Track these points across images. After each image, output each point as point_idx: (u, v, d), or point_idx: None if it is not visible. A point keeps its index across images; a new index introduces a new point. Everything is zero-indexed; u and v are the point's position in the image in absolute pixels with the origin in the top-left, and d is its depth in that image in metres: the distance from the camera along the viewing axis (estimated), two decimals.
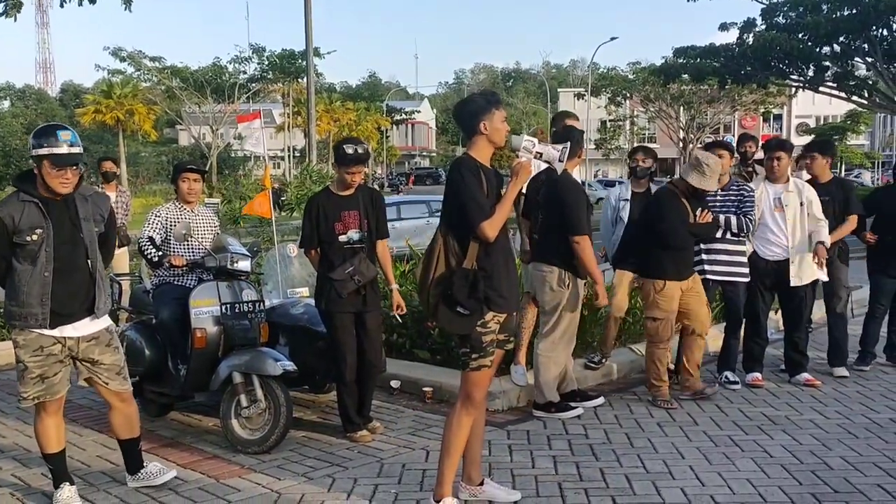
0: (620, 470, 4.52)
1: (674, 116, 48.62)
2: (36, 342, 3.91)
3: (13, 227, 3.81)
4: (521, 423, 5.40)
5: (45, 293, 3.86)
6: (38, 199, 3.88)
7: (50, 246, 3.86)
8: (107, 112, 45.88)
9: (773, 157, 6.22)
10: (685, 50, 29.38)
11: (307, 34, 14.32)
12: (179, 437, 5.19)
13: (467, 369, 3.80)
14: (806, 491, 4.17)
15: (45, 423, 4.06)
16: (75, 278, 3.95)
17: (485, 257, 3.74)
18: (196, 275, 5.31)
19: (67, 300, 3.92)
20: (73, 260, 3.94)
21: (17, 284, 3.87)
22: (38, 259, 3.85)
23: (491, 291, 3.73)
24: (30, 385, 3.94)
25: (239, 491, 4.26)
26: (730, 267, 6.14)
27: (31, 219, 3.84)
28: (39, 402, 3.99)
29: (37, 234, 3.83)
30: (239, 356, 4.90)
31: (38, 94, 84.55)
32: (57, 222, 3.90)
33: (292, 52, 40.90)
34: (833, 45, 25.93)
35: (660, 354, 5.85)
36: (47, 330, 3.90)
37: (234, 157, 51.85)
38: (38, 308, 3.86)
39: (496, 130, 3.79)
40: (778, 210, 6.18)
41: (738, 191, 6.18)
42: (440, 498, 3.84)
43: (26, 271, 3.85)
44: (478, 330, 3.74)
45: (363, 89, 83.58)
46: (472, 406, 3.83)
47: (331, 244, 5.05)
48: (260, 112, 7.99)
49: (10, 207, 3.85)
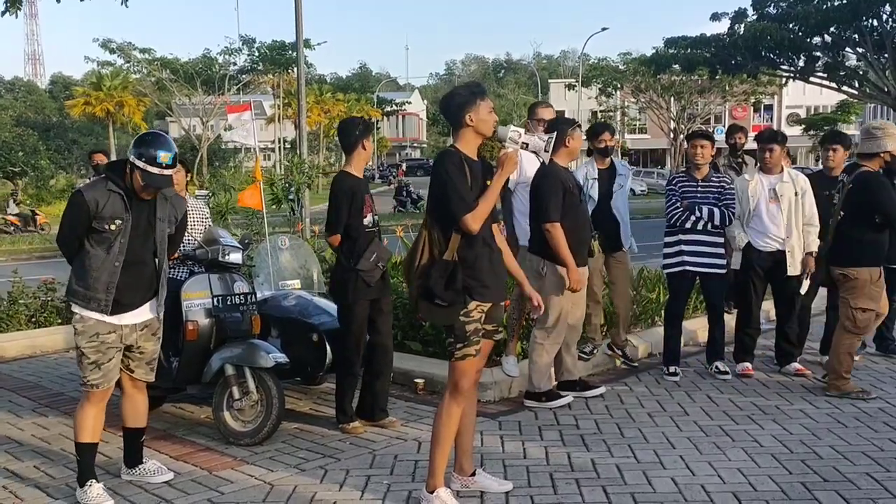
0: (611, 460, 4.54)
1: (664, 107, 48.61)
2: (93, 329, 4.01)
3: (95, 211, 3.94)
4: (512, 413, 5.42)
5: (111, 282, 3.98)
6: (123, 192, 3.99)
7: (125, 237, 3.98)
8: (96, 104, 45.68)
9: (766, 149, 6.26)
10: (676, 40, 29.39)
11: (297, 25, 14.25)
12: (172, 430, 5.19)
13: (453, 359, 3.83)
14: (796, 480, 4.21)
15: (87, 411, 4.12)
16: (142, 272, 4.08)
17: (467, 248, 3.76)
18: (187, 267, 5.30)
19: (131, 292, 4.05)
20: (142, 255, 4.08)
21: (87, 268, 3.98)
22: (112, 248, 3.97)
23: (473, 281, 3.76)
24: (87, 370, 4.04)
25: (232, 483, 4.27)
26: (709, 259, 6.17)
27: (113, 208, 3.97)
28: (99, 389, 4.06)
29: (115, 225, 3.96)
30: (231, 348, 4.90)
31: (27, 86, 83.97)
32: (136, 217, 4.03)
33: (282, 43, 40.64)
34: (824, 35, 25.95)
35: (853, 346, 5.83)
36: (107, 317, 4.00)
37: (224, 150, 51.62)
38: (103, 294, 3.98)
39: (483, 122, 3.80)
40: (773, 201, 6.21)
41: (719, 182, 6.22)
42: (433, 489, 3.86)
43: (98, 257, 3.97)
44: (461, 320, 3.77)
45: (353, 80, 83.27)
46: (460, 396, 3.85)
47: (357, 228, 5.00)
48: (251, 103, 7.95)
49: (97, 192, 3.97)
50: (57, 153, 46.33)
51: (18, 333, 7.73)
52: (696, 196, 6.16)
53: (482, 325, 3.83)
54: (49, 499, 4.12)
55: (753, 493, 4.06)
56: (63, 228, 4.08)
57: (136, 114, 46.52)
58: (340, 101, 57.36)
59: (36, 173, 37.73)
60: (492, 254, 3.87)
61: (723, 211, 6.09)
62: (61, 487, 4.26)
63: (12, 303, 8.02)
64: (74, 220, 4.00)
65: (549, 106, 6.33)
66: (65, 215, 4.08)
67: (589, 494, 4.07)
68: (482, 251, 3.81)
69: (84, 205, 3.94)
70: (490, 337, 3.95)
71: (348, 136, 5.08)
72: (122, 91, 45.94)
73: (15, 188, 33.03)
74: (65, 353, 7.49)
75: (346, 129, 5.14)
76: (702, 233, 6.12)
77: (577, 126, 5.58)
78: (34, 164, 38.04)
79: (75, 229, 4.01)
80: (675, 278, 6.31)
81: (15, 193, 30.79)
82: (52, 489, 4.24)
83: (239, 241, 5.48)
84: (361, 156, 5.12)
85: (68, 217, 4.05)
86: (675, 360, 6.33)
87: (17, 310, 7.95)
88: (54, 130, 52.49)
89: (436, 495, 3.85)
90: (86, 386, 4.08)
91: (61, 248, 4.15)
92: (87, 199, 3.94)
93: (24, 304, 8.04)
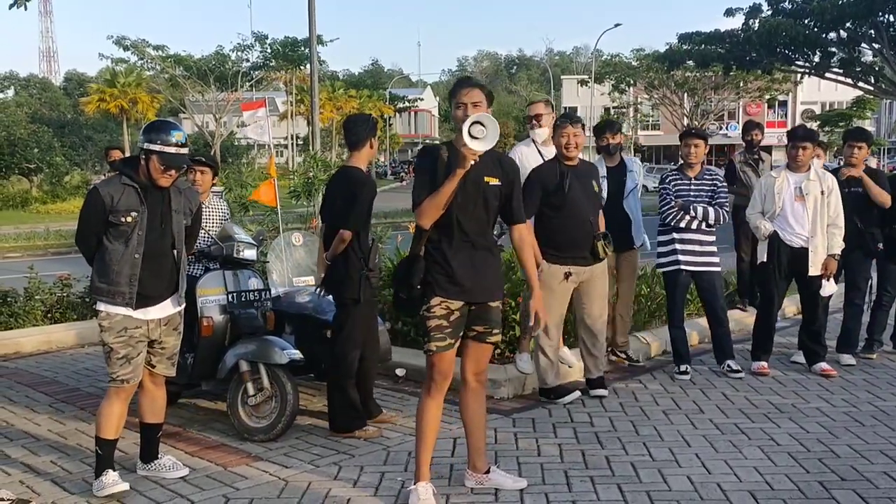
0: (626, 458, 4.52)
1: (678, 103, 48.43)
2: (120, 324, 4.05)
3: (111, 205, 3.99)
4: (526, 410, 5.41)
5: (133, 274, 4.03)
6: (137, 185, 4.05)
7: (143, 229, 4.04)
8: (110, 101, 45.90)
9: (800, 147, 6.17)
10: (690, 36, 29.19)
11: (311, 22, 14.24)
12: (187, 426, 5.21)
13: (426, 352, 3.86)
14: (813, 479, 4.18)
15: (115, 408, 4.15)
16: (161, 264, 4.14)
17: (445, 242, 3.78)
18: (202, 264, 5.32)
19: (153, 284, 4.10)
20: (161, 247, 4.13)
21: (108, 263, 4.03)
22: (130, 241, 4.02)
23: (440, 277, 3.76)
24: (117, 366, 4.07)
25: (246, 479, 4.28)
26: (703, 257, 6.13)
27: (128, 201, 4.02)
28: (129, 384, 4.10)
29: (131, 217, 4.02)
30: (245, 345, 4.91)
31: (42, 83, 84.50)
32: (151, 209, 4.09)
33: (294, 39, 40.71)
34: (839, 30, 25.74)
35: None
36: (133, 311, 4.05)
37: (237, 146, 51.77)
38: (127, 287, 4.03)
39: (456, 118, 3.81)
40: (798, 199, 6.14)
41: (711, 180, 6.18)
42: (416, 482, 3.88)
43: (117, 251, 4.02)
44: (423, 314, 3.79)
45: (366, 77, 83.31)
46: (434, 389, 3.86)
47: (367, 225, 5.00)
48: (265, 100, 7.97)
49: (112, 187, 4.04)
50: (71, 150, 46.68)
51: (35, 329, 7.78)
52: (689, 194, 6.13)
53: (449, 323, 3.78)
54: (66, 493, 4.14)
55: (770, 491, 4.03)
56: (81, 225, 4.12)
57: (149, 110, 46.69)
58: (353, 97, 57.41)
59: (51, 170, 38.04)
60: (474, 252, 3.82)
61: (717, 209, 6.07)
62: (78, 482, 4.28)
63: (28, 298, 8.07)
64: (91, 216, 4.05)
65: (540, 101, 6.22)
66: (82, 213, 4.12)
67: (604, 492, 4.05)
68: (460, 248, 3.78)
69: (99, 199, 4.00)
70: (481, 339, 3.91)
71: (357, 132, 5.04)
72: (135, 88, 46.15)
73: None
74: (80, 348, 7.53)
75: (355, 125, 5.08)
76: (695, 231, 6.09)
77: (571, 121, 5.45)
78: (49, 160, 38.37)
79: (93, 225, 4.05)
80: (669, 277, 6.27)
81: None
82: (68, 484, 4.26)
83: (253, 238, 5.49)
84: (368, 153, 5.09)
85: (85, 213, 4.09)
86: (684, 359, 6.29)
87: (33, 305, 8.00)
88: (69, 127, 52.86)
89: (413, 489, 3.88)
90: (115, 382, 4.10)
91: (80, 246, 4.18)
92: (103, 195, 4.00)
93: (41, 299, 8.09)
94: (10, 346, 7.32)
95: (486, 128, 3.58)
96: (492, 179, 3.83)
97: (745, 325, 7.29)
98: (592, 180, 5.53)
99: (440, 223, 3.77)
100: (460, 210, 3.76)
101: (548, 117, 5.95)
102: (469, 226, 3.79)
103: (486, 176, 3.80)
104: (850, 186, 6.44)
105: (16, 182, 37.46)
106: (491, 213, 3.87)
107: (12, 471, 4.45)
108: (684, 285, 6.33)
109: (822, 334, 6.40)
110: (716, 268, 6.21)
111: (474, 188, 3.76)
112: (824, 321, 6.46)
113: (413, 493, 3.86)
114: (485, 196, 3.81)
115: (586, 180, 5.48)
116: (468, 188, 3.74)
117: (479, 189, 3.78)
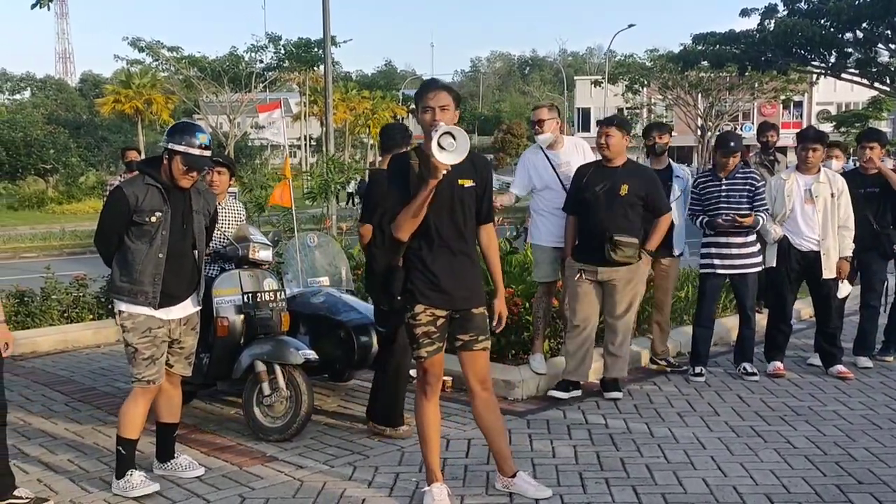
0: (641, 460, 4.51)
1: (692, 104, 48.21)
2: (144, 324, 4.08)
3: (135, 205, 4.03)
4: (540, 412, 5.40)
5: (157, 273, 4.06)
6: (160, 185, 4.09)
7: (166, 229, 4.08)
8: (126, 102, 46.16)
9: (810, 148, 6.12)
10: (704, 36, 29.08)
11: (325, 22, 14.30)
12: (202, 425, 5.23)
13: (415, 359, 3.86)
14: (830, 482, 4.15)
15: (140, 409, 4.18)
16: (183, 264, 4.17)
17: (424, 249, 3.74)
18: (218, 264, 5.34)
19: (175, 284, 4.14)
20: (183, 247, 4.17)
21: (131, 262, 4.06)
22: (154, 240, 4.05)
23: (421, 284, 3.73)
24: (143, 367, 4.09)
25: (262, 479, 4.30)
26: (739, 259, 6.08)
27: (152, 201, 4.06)
28: (155, 384, 4.13)
29: (156, 217, 4.06)
30: (261, 345, 4.93)
31: (58, 84, 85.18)
32: (174, 209, 4.13)
33: (308, 40, 40.80)
34: (855, 31, 25.59)
35: None
36: (155, 311, 4.08)
37: (251, 147, 51.96)
38: (150, 287, 4.06)
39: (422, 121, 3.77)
40: (808, 202, 6.11)
41: (746, 180, 6.07)
42: (429, 484, 3.89)
43: (141, 251, 4.05)
44: (409, 322, 3.78)
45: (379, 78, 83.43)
46: (430, 392, 3.85)
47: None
48: (280, 102, 8.00)
49: (136, 188, 4.07)
50: (87, 150, 46.97)
51: (51, 328, 7.84)
52: (719, 196, 6.06)
53: (436, 328, 3.76)
54: (83, 492, 4.17)
55: (787, 495, 4.01)
56: (102, 225, 4.15)
57: (164, 111, 46.98)
58: (366, 98, 57.47)
59: (67, 170, 38.29)
60: (453, 258, 3.77)
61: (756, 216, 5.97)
62: (95, 480, 4.31)
63: (45, 298, 8.13)
64: (115, 216, 4.08)
65: (543, 106, 6.05)
66: (104, 212, 4.15)
67: (619, 494, 4.04)
68: (441, 256, 3.74)
69: (124, 199, 4.02)
70: (468, 348, 3.86)
71: (394, 137, 5.06)
72: (150, 89, 46.40)
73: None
74: (96, 348, 7.58)
75: (394, 131, 5.14)
76: (731, 234, 6.04)
77: (606, 122, 5.58)
78: (65, 161, 38.66)
79: (115, 225, 4.08)
80: (705, 279, 6.24)
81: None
82: (85, 482, 4.29)
83: (268, 239, 5.51)
84: None
85: (108, 213, 4.12)
86: (701, 360, 6.27)
87: (49, 305, 8.06)
88: (84, 128, 53.26)
89: (427, 490, 3.88)
90: (140, 383, 4.12)
91: (99, 246, 4.20)
92: (127, 194, 4.03)
93: (57, 299, 8.14)
94: (27, 345, 7.37)
95: (456, 140, 3.47)
96: (466, 181, 3.76)
97: (763, 327, 7.24)
98: (629, 184, 5.45)
99: (417, 230, 3.72)
100: (436, 216, 3.71)
101: (551, 122, 5.85)
102: (446, 231, 3.74)
103: (459, 178, 3.72)
104: (865, 187, 6.39)
105: (32, 182, 37.71)
106: (468, 216, 3.79)
107: (30, 469, 4.48)
108: (717, 286, 6.31)
109: (838, 336, 6.36)
110: (753, 269, 6.14)
111: (448, 192, 3.69)
112: (839, 323, 6.41)
113: (428, 495, 3.86)
114: (461, 199, 3.74)
115: (622, 183, 5.43)
116: (443, 193, 3.66)
117: (453, 193, 3.71)
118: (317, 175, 10.30)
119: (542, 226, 5.94)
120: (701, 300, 6.30)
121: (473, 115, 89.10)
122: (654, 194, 5.59)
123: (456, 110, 3.76)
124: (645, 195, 5.51)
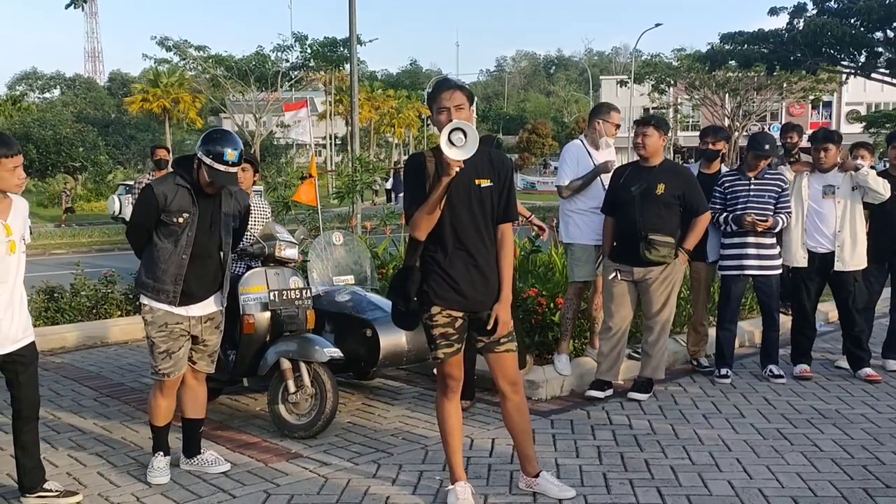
0: (665, 461, 4.49)
1: (719, 104, 47.74)
2: (162, 319, 4.16)
3: (164, 205, 4.08)
4: (564, 412, 5.39)
5: (179, 273, 4.12)
6: (190, 186, 4.13)
7: (192, 230, 4.12)
8: (153, 101, 46.66)
9: (821, 149, 6.12)
10: (732, 36, 28.75)
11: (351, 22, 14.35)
12: (228, 422, 5.28)
13: (434, 360, 3.87)
14: (857, 485, 4.11)
15: (159, 402, 4.29)
16: (207, 265, 4.22)
17: (440, 251, 3.71)
18: (244, 262, 5.39)
19: (198, 284, 4.20)
20: (209, 248, 4.22)
21: (156, 260, 4.12)
22: (179, 241, 4.11)
23: (437, 286, 3.71)
24: (159, 360, 4.18)
25: (287, 475, 4.33)
26: (762, 261, 6.04)
27: (181, 202, 4.10)
28: (170, 378, 4.21)
29: (183, 218, 4.10)
30: (286, 342, 4.96)
31: (87, 83, 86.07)
32: (202, 211, 4.17)
33: (334, 39, 40.87)
34: (886, 30, 25.20)
35: None
36: (175, 308, 4.14)
37: (276, 145, 52.25)
38: (171, 286, 4.12)
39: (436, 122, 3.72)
40: (828, 197, 6.07)
41: (775, 181, 6.03)
42: (453, 482, 3.90)
43: (166, 249, 4.11)
44: (426, 323, 3.77)
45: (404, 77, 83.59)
46: (450, 392, 3.86)
47: None
48: (307, 101, 8.04)
49: (166, 187, 4.12)
50: (115, 149, 47.54)
51: (80, 325, 7.95)
52: (748, 196, 6.01)
53: (455, 329, 3.74)
54: (111, 486, 4.23)
55: (813, 498, 3.97)
56: (133, 220, 4.24)
57: (191, 110, 47.40)
58: (391, 97, 57.59)
59: (95, 168, 38.79)
60: (469, 259, 3.71)
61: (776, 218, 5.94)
62: (123, 475, 4.37)
63: (74, 294, 8.25)
64: (144, 213, 4.15)
65: (617, 112, 6.07)
66: (135, 208, 4.25)
67: (643, 495, 4.02)
68: (456, 257, 3.70)
69: (153, 198, 4.08)
70: (490, 350, 3.83)
71: None
72: (178, 88, 46.82)
73: (65, 186, 33.97)
74: (124, 343, 7.68)
75: None
76: (753, 235, 6.00)
77: (641, 122, 5.68)
78: (93, 159, 39.17)
79: (144, 222, 4.16)
80: (727, 280, 6.20)
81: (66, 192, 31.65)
82: (114, 476, 4.35)
83: (294, 237, 5.55)
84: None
85: (138, 210, 4.20)
86: (726, 362, 6.22)
87: (78, 301, 8.17)
88: (112, 126, 53.78)
89: (451, 489, 3.89)
90: (157, 375, 4.22)
91: (130, 240, 4.30)
92: (157, 193, 4.09)
93: (86, 295, 8.25)
94: (56, 340, 7.48)
95: (466, 135, 3.44)
96: (483, 181, 3.71)
97: (788, 329, 7.17)
98: (666, 183, 5.45)
99: (434, 231, 3.69)
100: (453, 216, 3.68)
101: (613, 128, 5.97)
102: (464, 232, 3.69)
103: (476, 178, 3.68)
104: (895, 188, 6.31)
105: (61, 180, 38.21)
106: (487, 216, 3.73)
107: (60, 463, 4.55)
108: (743, 289, 6.27)
109: (864, 340, 6.29)
110: (774, 271, 6.10)
111: (465, 192, 3.66)
112: (865, 326, 6.34)
113: (451, 493, 3.88)
114: (479, 199, 3.69)
115: (659, 182, 5.44)
116: (459, 193, 3.63)
117: (469, 193, 3.67)
118: (344, 174, 10.34)
119: (584, 224, 5.91)
120: (725, 302, 6.24)
121: (498, 114, 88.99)
122: (692, 193, 5.57)
123: (471, 109, 3.76)
124: (682, 194, 5.50)
